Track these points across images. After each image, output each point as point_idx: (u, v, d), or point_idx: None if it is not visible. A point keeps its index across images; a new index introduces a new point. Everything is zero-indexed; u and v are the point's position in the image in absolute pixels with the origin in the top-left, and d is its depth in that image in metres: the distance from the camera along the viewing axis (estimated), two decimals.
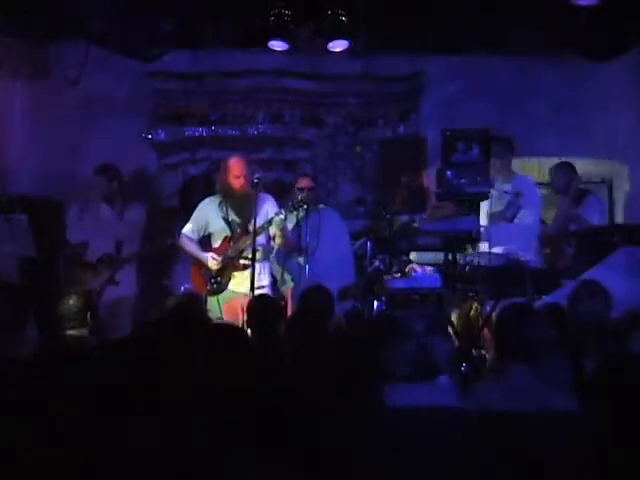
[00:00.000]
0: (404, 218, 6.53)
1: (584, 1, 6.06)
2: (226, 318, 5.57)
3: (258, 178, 5.64)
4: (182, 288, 6.64)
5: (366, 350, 3.14)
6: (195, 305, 4.84)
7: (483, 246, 6.04)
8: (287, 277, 6.24)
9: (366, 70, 7.45)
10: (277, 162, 7.48)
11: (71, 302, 4.37)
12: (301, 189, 6.15)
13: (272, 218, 5.60)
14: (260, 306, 4.50)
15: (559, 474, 2.42)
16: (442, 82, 7.41)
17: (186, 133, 7.52)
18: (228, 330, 3.54)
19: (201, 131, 7.53)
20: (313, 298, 4.71)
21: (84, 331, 4.29)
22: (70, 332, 4.25)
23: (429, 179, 7.32)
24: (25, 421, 2.56)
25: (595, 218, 6.26)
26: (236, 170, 5.75)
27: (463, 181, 6.39)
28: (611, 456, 2.43)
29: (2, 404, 2.67)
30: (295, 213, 5.77)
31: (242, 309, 4.84)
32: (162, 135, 7.48)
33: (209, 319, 4.74)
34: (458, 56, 7.17)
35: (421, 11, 6.44)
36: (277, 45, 6.78)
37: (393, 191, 7.50)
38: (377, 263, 6.30)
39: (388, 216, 6.50)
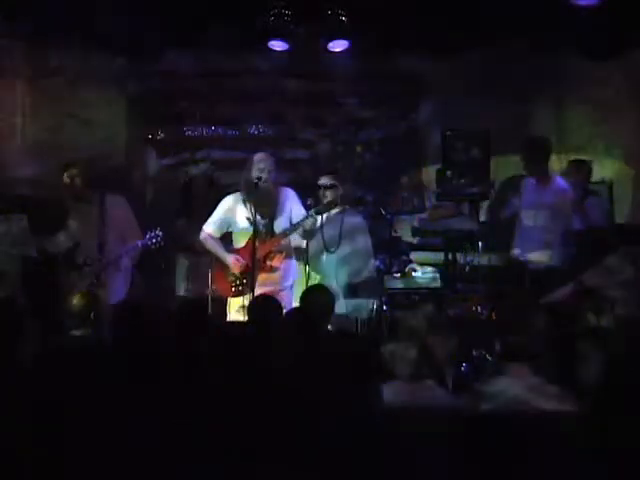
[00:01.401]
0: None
1: (584, 1, 6.07)
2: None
3: (258, 178, 5.58)
4: (182, 288, 6.63)
5: (366, 349, 3.14)
6: (199, 306, 4.79)
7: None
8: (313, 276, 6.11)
9: (366, 70, 7.45)
10: (277, 162, 7.45)
11: (75, 301, 4.34)
12: (323, 186, 6.11)
13: (302, 221, 5.46)
14: (260, 306, 4.49)
15: (558, 474, 2.41)
16: (442, 82, 7.41)
17: (186, 133, 7.52)
18: (231, 330, 3.54)
19: (201, 131, 7.54)
20: (313, 297, 4.70)
21: (87, 331, 4.25)
22: (74, 332, 4.22)
23: (429, 179, 7.32)
24: (27, 421, 2.56)
25: (596, 218, 6.23)
26: (260, 164, 5.60)
27: (463, 181, 6.39)
28: (611, 456, 2.43)
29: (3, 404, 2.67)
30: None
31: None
32: (162, 135, 7.48)
33: (212, 321, 4.70)
34: (458, 56, 7.16)
35: (421, 11, 6.44)
36: (277, 45, 6.78)
37: (393, 191, 7.51)
38: (377, 263, 6.30)
39: (388, 216, 6.50)
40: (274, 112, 7.56)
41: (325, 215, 5.68)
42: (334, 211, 5.92)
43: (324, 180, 6.14)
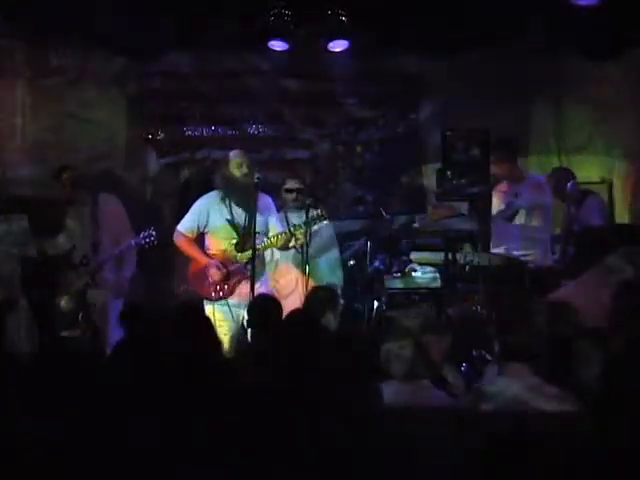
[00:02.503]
0: (402, 219, 6.53)
1: (584, 1, 6.06)
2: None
3: (258, 178, 5.53)
4: (181, 288, 6.61)
5: (364, 349, 3.15)
6: (197, 308, 4.76)
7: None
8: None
9: (366, 70, 7.45)
10: (277, 162, 7.47)
11: (63, 303, 4.32)
12: (289, 190, 6.10)
13: (294, 231, 5.40)
14: (261, 306, 4.50)
15: (558, 474, 2.41)
16: (442, 82, 7.41)
17: (186, 133, 7.52)
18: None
19: (201, 131, 7.53)
20: (318, 295, 4.71)
21: (76, 332, 4.25)
22: (63, 333, 4.21)
23: (429, 179, 7.32)
24: (24, 421, 2.56)
25: (595, 218, 6.24)
26: (238, 159, 5.53)
27: (463, 181, 6.40)
28: (611, 456, 2.43)
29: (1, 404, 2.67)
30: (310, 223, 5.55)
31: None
32: (162, 135, 7.48)
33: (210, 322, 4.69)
34: (458, 56, 7.16)
35: (421, 11, 6.44)
36: (277, 45, 6.79)
37: (393, 191, 7.51)
38: (377, 263, 6.30)
39: (388, 216, 6.50)
40: (274, 112, 7.56)
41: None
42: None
43: (291, 184, 6.12)
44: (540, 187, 6.23)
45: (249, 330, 4.62)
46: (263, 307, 4.46)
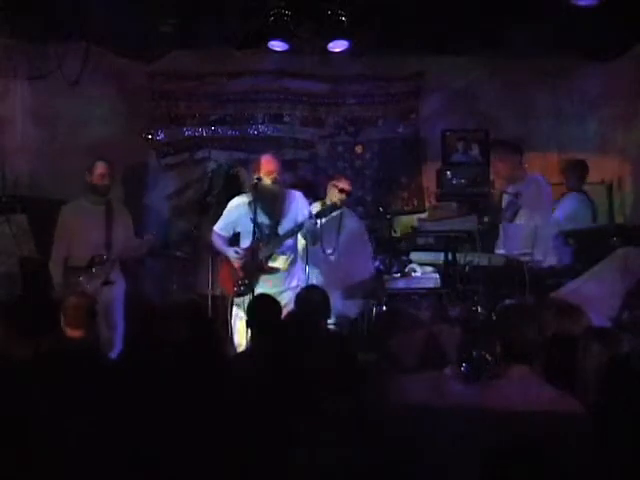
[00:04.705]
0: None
1: (584, 1, 6.07)
2: None
3: (258, 179, 5.53)
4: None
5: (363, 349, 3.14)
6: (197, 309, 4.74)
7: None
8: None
9: (366, 70, 7.46)
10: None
11: (73, 303, 4.33)
12: (342, 190, 6.07)
13: (303, 223, 5.42)
14: (260, 306, 4.50)
15: (560, 474, 2.42)
16: (442, 82, 7.42)
17: (186, 133, 7.53)
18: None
19: (201, 131, 7.54)
20: (307, 298, 4.70)
21: (84, 332, 4.26)
22: (72, 333, 4.23)
23: (429, 179, 7.32)
24: (28, 421, 2.56)
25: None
26: (269, 167, 5.53)
27: (463, 181, 6.41)
28: (612, 456, 2.44)
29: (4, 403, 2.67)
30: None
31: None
32: (162, 135, 7.49)
33: (209, 322, 4.68)
34: (458, 56, 7.17)
35: (421, 11, 6.44)
36: (277, 45, 6.79)
37: (393, 191, 7.52)
38: (377, 263, 6.31)
39: (388, 216, 6.50)
40: (274, 112, 7.57)
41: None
42: (334, 213, 5.90)
43: (344, 184, 6.08)
44: (540, 187, 6.24)
45: (248, 330, 4.61)
46: (262, 307, 4.46)
